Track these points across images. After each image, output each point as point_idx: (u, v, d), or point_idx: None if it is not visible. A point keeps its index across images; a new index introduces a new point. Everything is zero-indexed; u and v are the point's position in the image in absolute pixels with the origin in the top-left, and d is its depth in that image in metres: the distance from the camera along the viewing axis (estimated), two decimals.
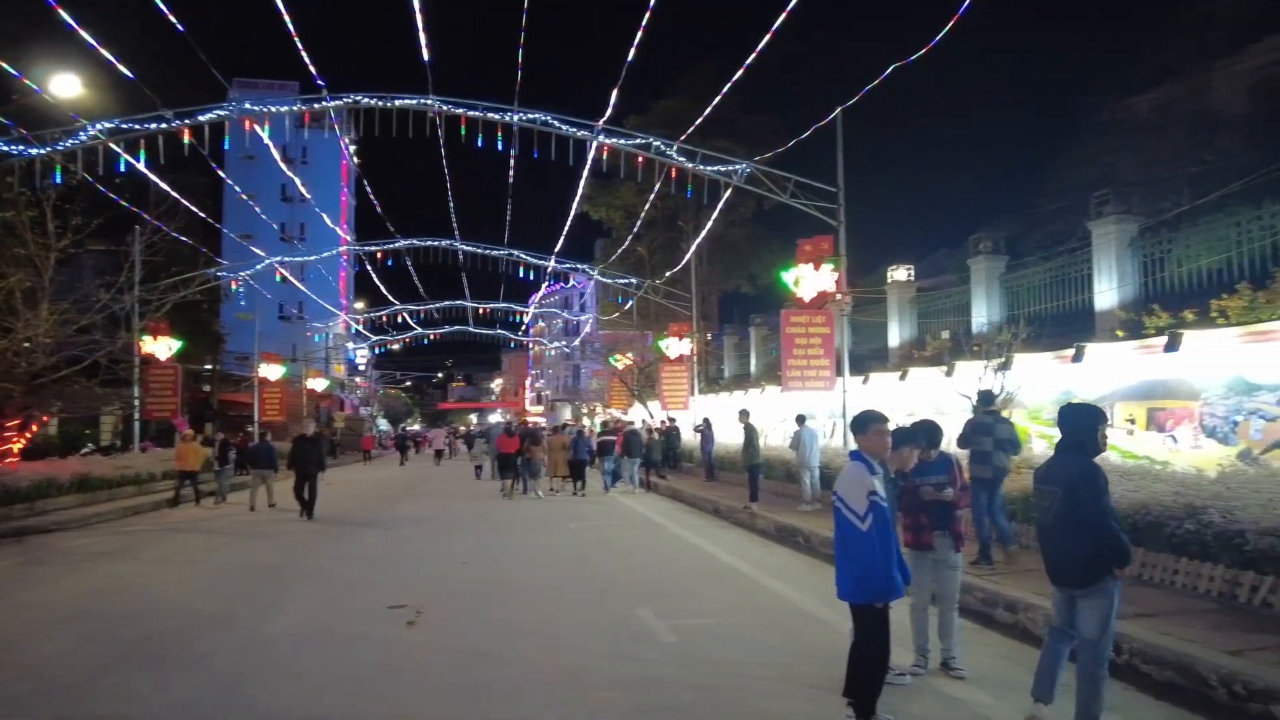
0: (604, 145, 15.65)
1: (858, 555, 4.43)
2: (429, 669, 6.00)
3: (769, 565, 10.08)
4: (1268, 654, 5.42)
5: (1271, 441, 8.50)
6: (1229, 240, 10.06)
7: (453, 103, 15.77)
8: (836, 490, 4.56)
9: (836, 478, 4.73)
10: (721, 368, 29.02)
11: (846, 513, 4.45)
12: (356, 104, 16.66)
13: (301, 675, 5.90)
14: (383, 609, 7.84)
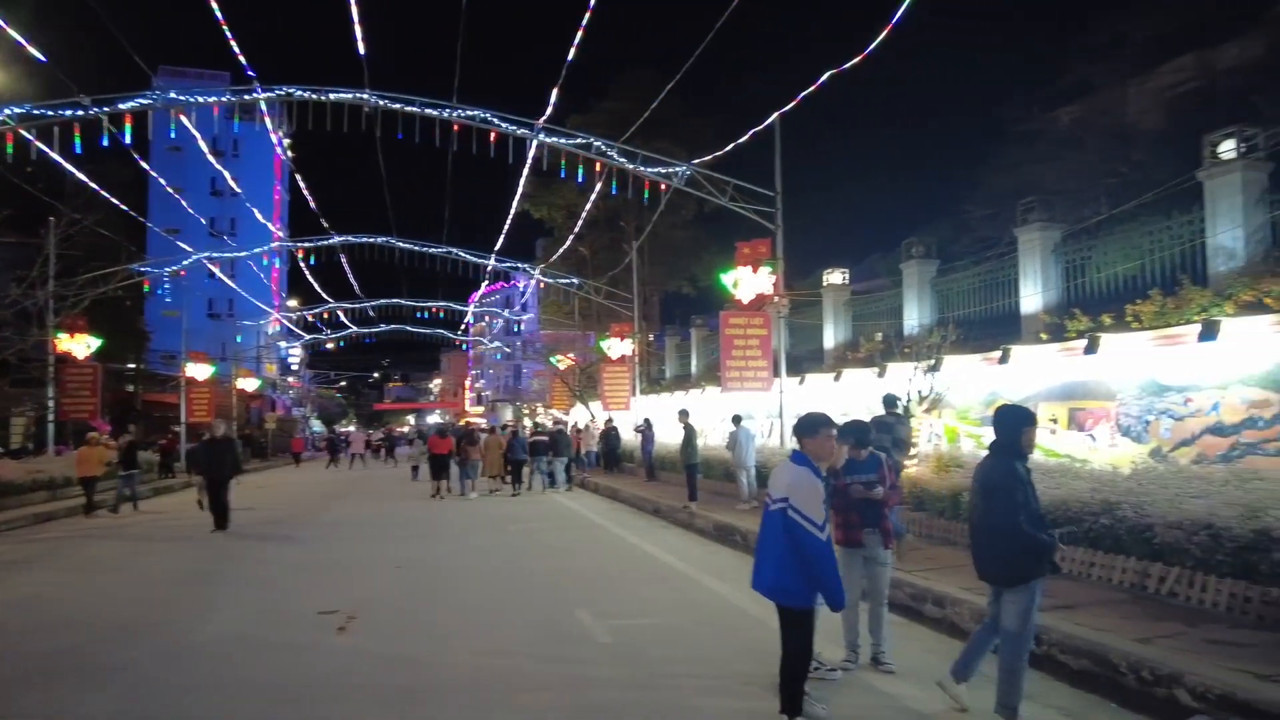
0: (544, 144, 15.55)
1: (821, 567, 4.30)
2: (358, 675, 5.87)
3: (707, 564, 10.17)
4: (1172, 641, 5.71)
5: (1179, 440, 8.94)
6: (1143, 248, 10.55)
7: (389, 97, 15.45)
8: (788, 498, 4.35)
9: (776, 481, 4.63)
10: (663, 368, 29.15)
11: (804, 523, 4.28)
12: (289, 96, 16.21)
13: (224, 685, 5.71)
14: (312, 615, 7.64)
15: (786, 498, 4.36)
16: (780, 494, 4.42)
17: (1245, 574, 6.29)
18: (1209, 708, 4.82)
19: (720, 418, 20.98)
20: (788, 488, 4.39)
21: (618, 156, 15.72)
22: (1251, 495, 6.64)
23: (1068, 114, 17.62)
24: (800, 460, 4.52)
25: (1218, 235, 9.21)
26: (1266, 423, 8.03)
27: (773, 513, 4.49)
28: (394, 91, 15.84)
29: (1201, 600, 6.57)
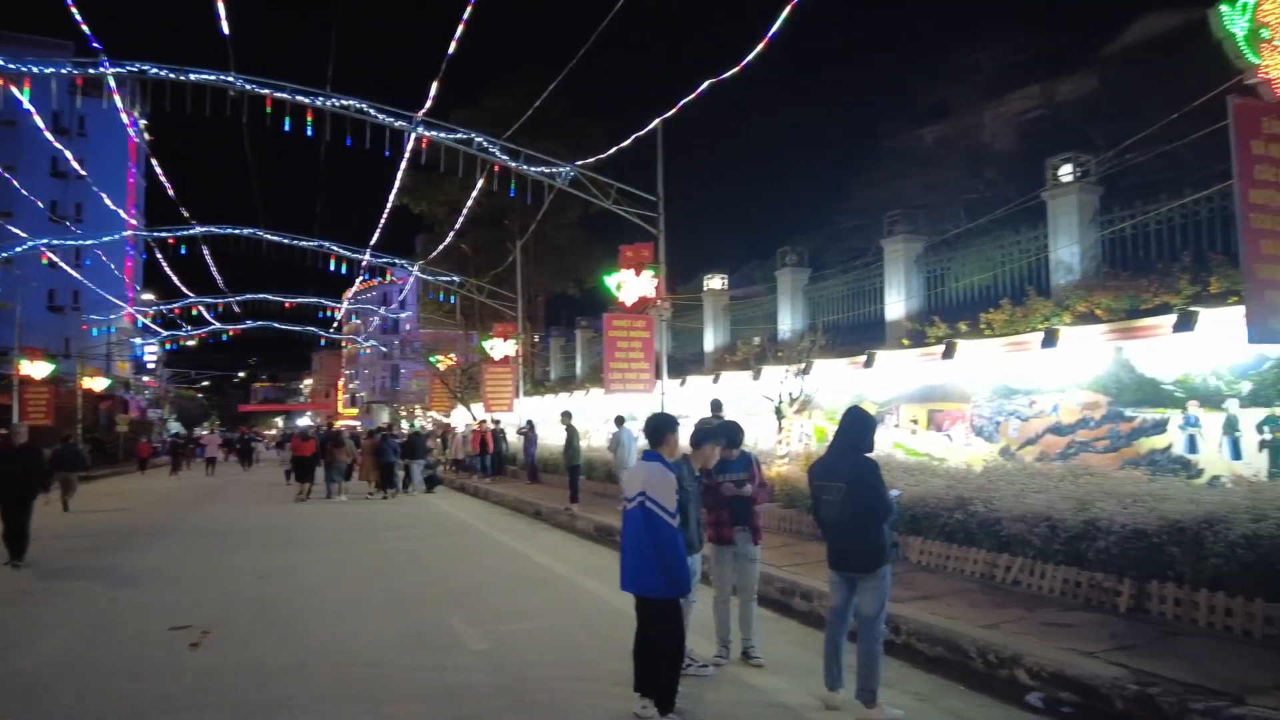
0: (423, 138, 15.12)
1: (673, 552, 4.56)
2: (212, 693, 5.50)
3: (587, 566, 10.16)
4: (1015, 625, 6.16)
5: (1025, 439, 9.66)
6: (995, 261, 11.35)
7: (257, 82, 14.57)
8: (645, 491, 4.61)
9: (632, 480, 4.80)
10: (547, 369, 28.95)
11: (660, 512, 4.56)
12: (143, 74, 15.01)
13: (54, 712, 5.22)
14: (162, 631, 7.11)
15: (644, 491, 4.63)
16: (637, 489, 4.68)
17: (1076, 561, 6.87)
18: (1043, 685, 5.23)
19: (604, 419, 21.06)
20: (644, 482, 4.66)
21: (500, 154, 15.47)
22: (1083, 489, 7.27)
23: (932, 133, 18.76)
24: (653, 457, 4.84)
25: (1058, 251, 10.02)
26: (1097, 423, 8.80)
27: (632, 510, 4.70)
28: (263, 76, 15.00)
29: (1040, 587, 7.13)
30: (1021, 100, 17.64)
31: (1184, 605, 6.08)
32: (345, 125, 15.01)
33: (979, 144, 17.56)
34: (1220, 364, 7.65)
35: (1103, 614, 6.41)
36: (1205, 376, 7.81)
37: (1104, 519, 6.62)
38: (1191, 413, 7.90)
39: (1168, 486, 6.93)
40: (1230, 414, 7.57)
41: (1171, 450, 8.03)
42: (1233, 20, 5.23)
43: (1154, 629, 5.97)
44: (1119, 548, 6.48)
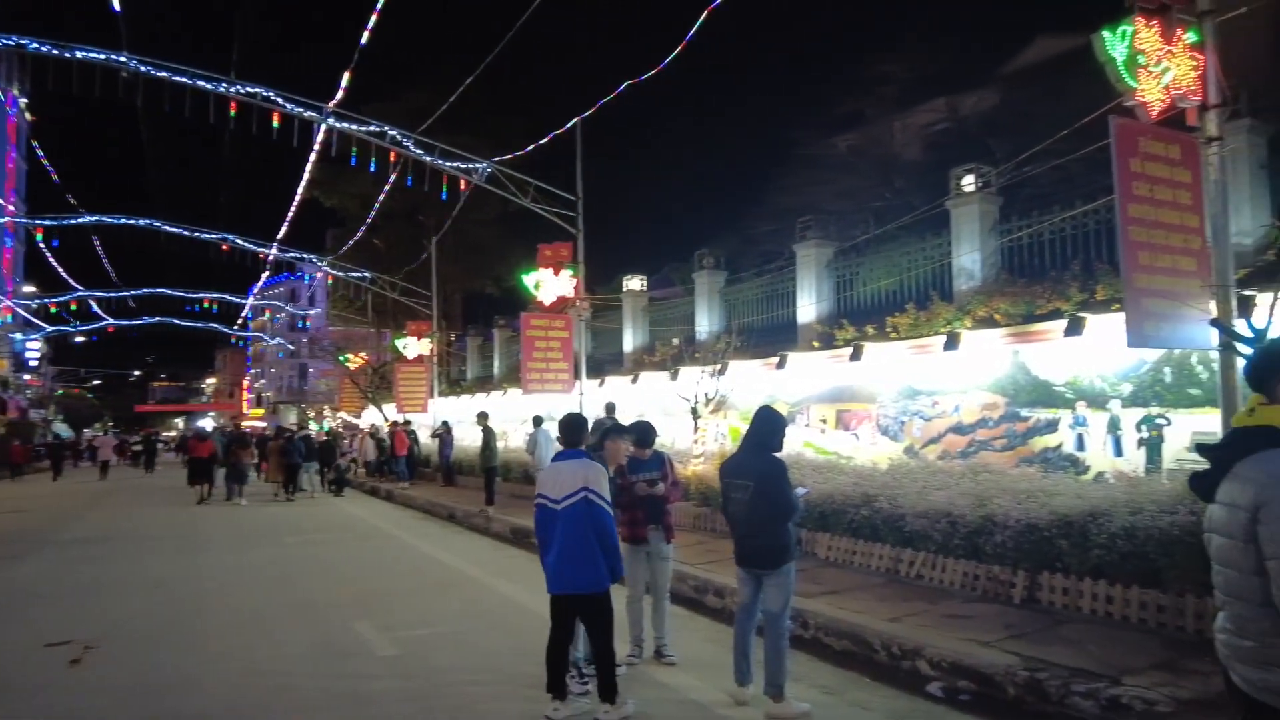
0: (334, 129, 14.61)
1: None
2: (92, 712, 5.18)
3: (501, 568, 10.03)
4: (917, 618, 6.39)
5: (928, 438, 10.05)
6: (901, 266, 11.76)
7: (152, 64, 13.77)
8: (588, 487, 4.67)
9: (559, 479, 4.77)
10: (463, 369, 28.47)
11: (603, 504, 4.68)
12: (21, 48, 13.99)
13: None
14: (37, 649, 6.64)
15: (586, 486, 4.66)
16: (575, 487, 4.66)
17: (975, 555, 7.18)
18: (943, 675, 5.45)
19: (522, 419, 20.85)
20: (585, 479, 4.68)
21: (414, 148, 15.11)
22: (981, 486, 7.60)
23: (844, 141, 19.33)
24: (580, 454, 4.87)
25: (960, 257, 10.46)
26: (995, 422, 9.23)
27: (571, 508, 4.65)
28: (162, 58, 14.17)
29: (942, 580, 7.41)
30: (929, 112, 18.37)
31: (1071, 594, 6.43)
32: (251, 113, 14.38)
33: (888, 153, 18.20)
34: (1105, 367, 8.14)
35: (999, 605, 6.72)
36: (1092, 379, 8.29)
37: (1000, 514, 6.94)
38: (1080, 413, 8.37)
39: (1058, 483, 7.32)
40: (1113, 414, 8.07)
41: (1062, 448, 8.49)
42: (1113, 46, 5.57)
43: (1045, 618, 6.29)
44: (1014, 542, 6.80)
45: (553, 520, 4.69)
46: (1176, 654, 5.30)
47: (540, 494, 4.82)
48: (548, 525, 4.72)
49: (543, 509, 4.76)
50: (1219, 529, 2.22)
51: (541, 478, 4.90)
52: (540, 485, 4.87)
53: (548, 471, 4.90)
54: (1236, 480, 2.15)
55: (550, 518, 4.70)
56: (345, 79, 13.73)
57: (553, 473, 4.85)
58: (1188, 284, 5.83)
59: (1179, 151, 5.94)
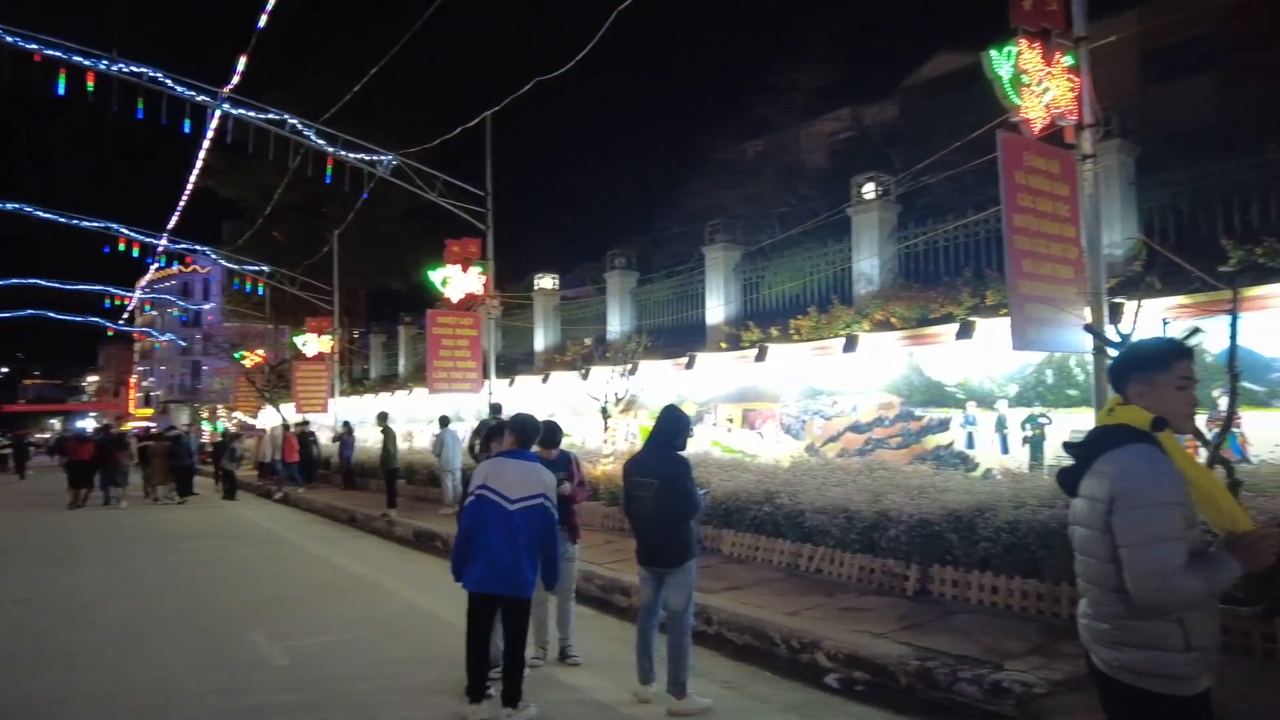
0: (230, 115, 13.90)
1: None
2: None
3: (403, 573, 9.78)
4: (815, 612, 6.57)
5: (828, 436, 10.36)
6: (805, 270, 12.09)
7: (19, 34, 12.69)
8: (548, 494, 4.63)
9: (512, 478, 4.63)
10: (366, 368, 27.62)
11: (552, 509, 4.67)
12: None
13: None
14: None
15: (545, 494, 4.63)
16: (534, 490, 4.59)
17: (871, 549, 7.44)
18: (839, 666, 5.62)
19: (429, 419, 20.39)
20: (545, 485, 4.65)
21: (315, 138, 14.55)
22: (877, 483, 7.89)
23: (752, 147, 19.72)
24: (532, 455, 4.84)
25: (860, 263, 10.83)
26: (890, 421, 9.60)
27: (528, 510, 4.56)
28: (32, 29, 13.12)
29: (840, 574, 7.65)
30: (833, 121, 18.97)
31: (960, 585, 6.75)
32: (137, 94, 13.50)
33: (794, 160, 18.68)
34: (994, 369, 8.58)
35: (893, 597, 6.98)
36: (981, 380, 8.73)
37: (894, 510, 7.21)
38: (970, 412, 8.80)
39: (949, 479, 7.67)
40: (1000, 413, 8.51)
41: (953, 446, 8.90)
42: (1000, 65, 5.89)
43: (936, 608, 6.57)
44: (907, 536, 7.08)
45: (500, 517, 4.53)
46: (1052, 638, 5.63)
47: (485, 486, 4.59)
48: (489, 521, 4.53)
49: (486, 503, 4.55)
50: (1081, 521, 2.37)
51: (487, 470, 4.69)
52: (485, 478, 4.64)
53: (495, 466, 4.71)
54: (1095, 475, 2.30)
55: (496, 514, 4.53)
56: (241, 63, 13.08)
57: (502, 468, 4.66)
58: (1065, 291, 6.20)
59: (1058, 167, 6.32)
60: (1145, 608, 2.15)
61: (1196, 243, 7.91)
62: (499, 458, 4.77)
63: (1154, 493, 2.16)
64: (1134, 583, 2.14)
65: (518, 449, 4.82)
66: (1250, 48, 14.16)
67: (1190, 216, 8.32)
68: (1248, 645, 5.09)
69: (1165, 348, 2.44)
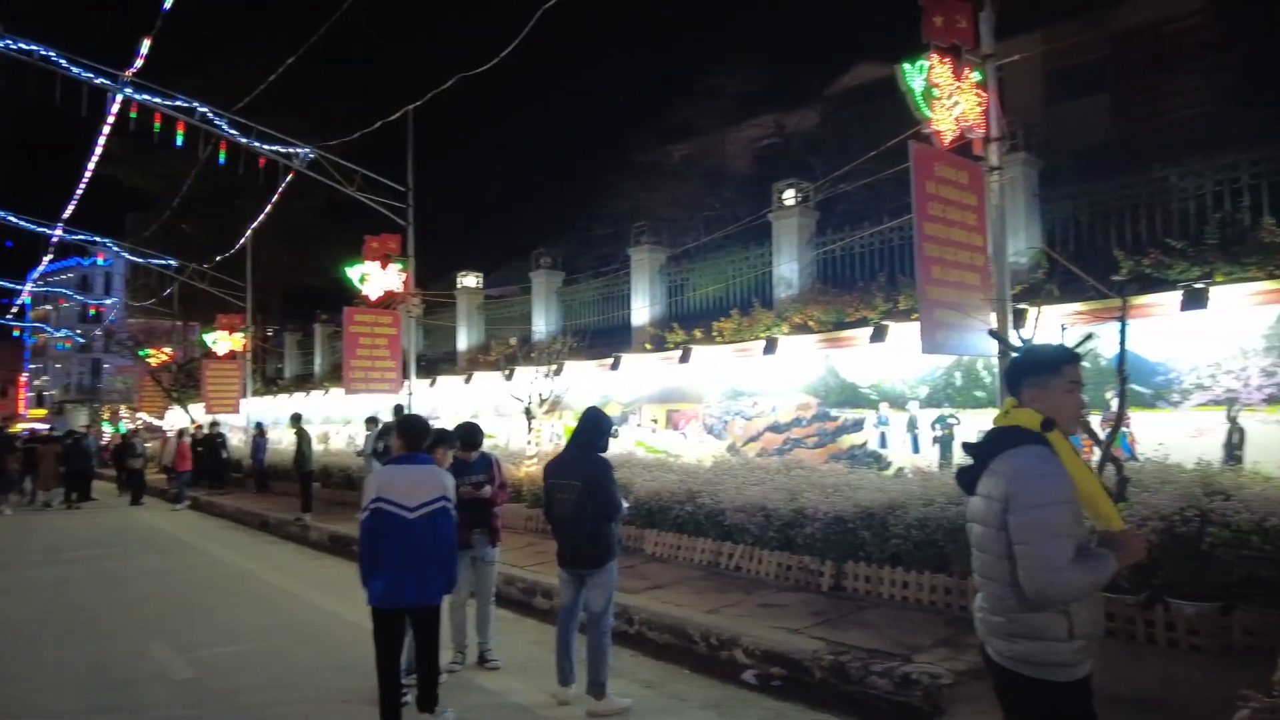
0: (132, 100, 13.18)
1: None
2: None
3: (317, 579, 9.49)
4: (735, 609, 6.68)
5: (749, 436, 10.54)
6: (728, 274, 12.28)
7: None
8: (448, 496, 4.51)
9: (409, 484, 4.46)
10: (281, 366, 26.69)
11: (454, 513, 4.55)
12: None
13: None
14: None
15: (445, 496, 4.49)
16: (434, 494, 4.44)
17: (788, 546, 7.61)
18: (756, 662, 5.73)
19: (346, 420, 19.83)
20: (443, 487, 4.50)
21: (228, 128, 13.95)
22: (794, 481, 8.07)
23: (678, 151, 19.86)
24: (427, 459, 4.67)
25: (780, 267, 11.06)
26: (808, 421, 9.84)
27: (428, 516, 4.41)
28: None
29: (758, 571, 7.80)
30: (757, 127, 19.26)
31: (873, 581, 6.96)
32: (27, 74, 12.67)
33: (719, 165, 18.90)
34: (906, 371, 8.88)
35: (809, 593, 7.16)
36: (894, 382, 9.03)
37: (810, 508, 7.39)
38: (883, 413, 9.09)
39: (862, 478, 7.90)
40: (912, 414, 8.82)
41: (867, 446, 9.18)
42: (912, 78, 6.11)
43: (849, 604, 6.77)
44: (822, 533, 7.27)
45: (401, 528, 4.34)
46: (959, 631, 5.86)
47: (382, 499, 4.36)
48: (389, 533, 4.34)
49: (386, 516, 4.33)
50: (978, 518, 2.49)
51: (382, 482, 4.43)
52: (380, 489, 4.39)
53: (389, 475, 4.47)
54: (991, 475, 2.42)
55: (397, 526, 4.34)
56: (145, 45, 12.41)
57: (397, 476, 4.45)
58: (972, 297, 6.47)
59: (967, 177, 6.59)
60: (1037, 601, 2.28)
61: (1093, 253, 8.38)
62: (390, 466, 4.57)
63: (1046, 492, 2.28)
64: (1027, 577, 2.26)
65: (409, 453, 4.62)
66: (1139, 72, 15.08)
67: (1088, 228, 8.80)
68: (1132, 631, 5.42)
69: (1056, 353, 2.57)
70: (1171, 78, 14.87)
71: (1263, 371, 6.69)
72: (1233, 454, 6.69)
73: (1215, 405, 6.86)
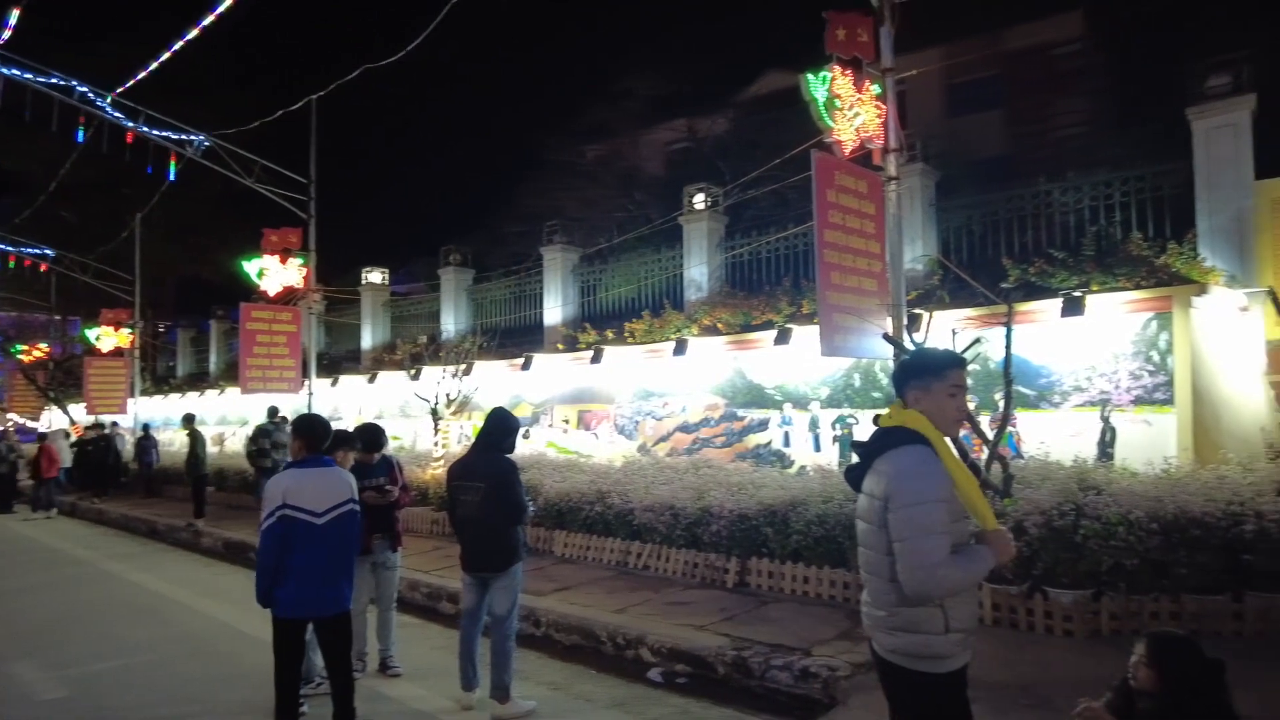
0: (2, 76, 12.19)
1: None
2: None
3: (210, 587, 9.05)
4: (642, 608, 6.73)
5: (659, 436, 10.65)
6: (640, 275, 12.37)
7: None
8: (354, 498, 4.40)
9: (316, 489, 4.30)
10: (173, 364, 25.33)
11: (359, 511, 4.45)
12: None
13: None
14: None
15: (352, 499, 4.39)
16: (341, 498, 4.32)
17: (695, 544, 7.72)
18: (662, 660, 5.79)
19: (241, 421, 18.97)
20: (350, 490, 4.39)
21: (112, 110, 13.11)
22: (702, 480, 8.20)
23: (592, 151, 19.85)
24: (329, 461, 4.54)
25: (691, 270, 11.22)
26: (716, 421, 10.02)
27: (337, 520, 4.28)
28: None
29: (666, 570, 7.88)
30: (669, 131, 19.47)
31: (775, 577, 7.14)
32: None
33: (632, 166, 19.01)
34: (808, 373, 9.15)
35: (715, 590, 7.28)
36: (797, 383, 9.29)
37: (716, 506, 7.52)
38: (787, 413, 9.34)
39: (766, 476, 8.10)
40: (814, 414, 9.10)
41: (771, 445, 9.42)
42: (816, 88, 6.32)
43: (753, 600, 6.91)
44: (727, 531, 7.41)
45: (310, 534, 4.16)
46: (857, 624, 6.06)
47: (289, 505, 4.14)
48: (296, 541, 4.15)
49: (293, 523, 4.14)
50: (863, 516, 2.59)
51: (288, 486, 4.20)
52: (285, 495, 4.16)
53: (295, 479, 4.25)
54: (875, 474, 2.52)
55: (305, 532, 4.16)
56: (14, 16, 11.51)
57: (301, 481, 4.24)
58: (870, 302, 6.73)
59: (866, 186, 6.85)
60: (913, 596, 2.38)
61: (985, 261, 8.85)
62: (293, 470, 4.36)
63: (924, 491, 2.37)
64: (904, 573, 2.36)
65: (313, 456, 4.43)
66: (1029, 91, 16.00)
67: (980, 237, 9.28)
68: (1014, 620, 5.75)
69: (940, 358, 2.68)
70: (1057, 98, 15.85)
71: (1131, 375, 7.20)
72: (1105, 451, 7.19)
73: (1091, 406, 7.34)
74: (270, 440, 12.10)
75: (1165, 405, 6.96)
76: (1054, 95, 15.72)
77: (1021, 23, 16.10)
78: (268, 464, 11.77)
